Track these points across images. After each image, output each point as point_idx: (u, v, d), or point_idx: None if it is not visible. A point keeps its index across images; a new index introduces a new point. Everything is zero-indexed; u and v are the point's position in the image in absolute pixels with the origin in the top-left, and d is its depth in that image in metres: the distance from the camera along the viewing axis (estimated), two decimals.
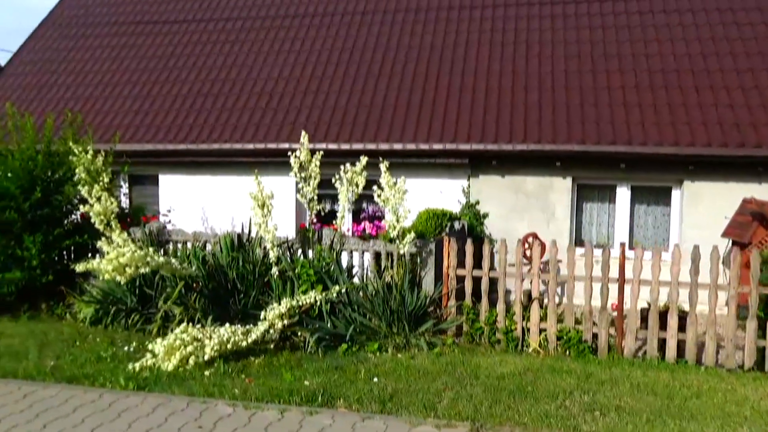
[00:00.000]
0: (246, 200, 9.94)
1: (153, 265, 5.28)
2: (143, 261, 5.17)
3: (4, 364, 4.75)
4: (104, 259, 5.09)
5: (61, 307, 7.15)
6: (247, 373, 4.70)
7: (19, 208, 6.70)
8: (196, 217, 9.93)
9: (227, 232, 6.80)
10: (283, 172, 9.91)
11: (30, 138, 6.98)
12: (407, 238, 5.83)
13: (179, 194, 10.26)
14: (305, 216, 10.28)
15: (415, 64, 10.19)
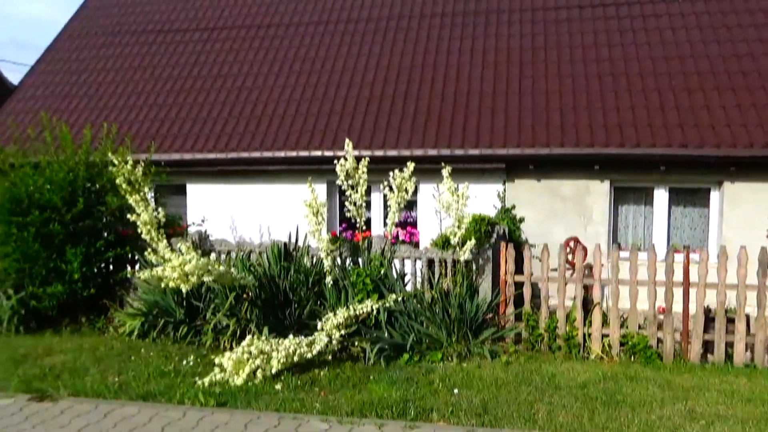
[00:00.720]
0: (275, 208, 9.97)
1: (215, 274, 5.15)
2: (206, 270, 5.03)
3: (69, 381, 4.60)
4: (168, 266, 4.95)
5: (102, 321, 6.99)
6: (318, 386, 4.56)
7: (61, 220, 6.56)
8: (224, 226, 9.79)
9: (274, 241, 6.67)
10: (314, 179, 9.85)
11: (70, 148, 6.85)
12: (467, 244, 5.72)
13: (207, 203, 10.13)
14: (335, 223, 10.19)
15: (444, 70, 10.12)
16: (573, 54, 9.86)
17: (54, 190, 6.54)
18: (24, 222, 6.48)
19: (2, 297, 6.78)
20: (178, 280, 4.90)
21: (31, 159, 7.00)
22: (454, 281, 5.89)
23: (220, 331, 6.01)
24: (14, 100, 11.98)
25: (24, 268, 6.70)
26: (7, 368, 5.04)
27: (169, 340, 6.18)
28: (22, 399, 4.12)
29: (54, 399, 4.11)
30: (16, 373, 4.89)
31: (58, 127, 7.55)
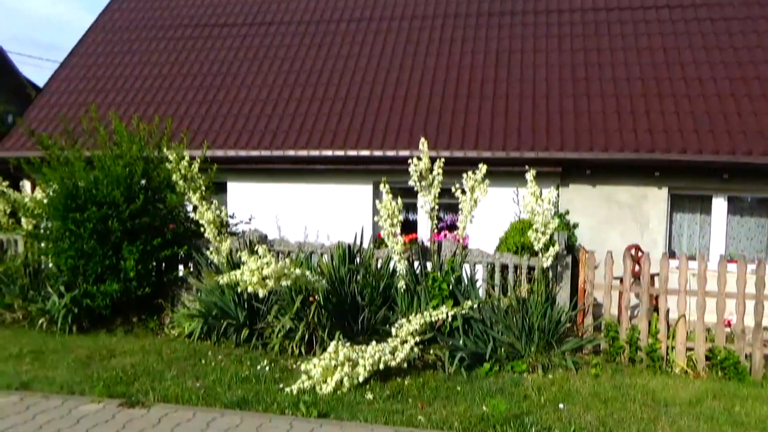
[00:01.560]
0: (319, 208, 9.74)
1: (292, 277, 4.92)
2: (282, 273, 4.81)
3: (149, 385, 4.37)
4: (246, 270, 4.72)
5: (154, 321, 6.77)
6: (408, 396, 4.33)
7: (119, 217, 6.34)
8: (267, 226, 9.58)
9: (338, 242, 6.44)
10: (360, 180, 9.66)
11: (126, 143, 6.64)
12: (551, 251, 5.49)
13: (249, 202, 9.90)
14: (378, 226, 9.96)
15: (494, 69, 9.89)
16: (627, 56, 9.62)
17: (114, 186, 6.32)
18: (81, 218, 6.26)
19: (54, 295, 6.56)
20: (257, 285, 4.67)
21: (82, 153, 6.78)
22: (530, 288, 5.65)
23: (285, 335, 5.78)
24: (47, 93, 11.79)
25: (78, 266, 6.47)
26: (75, 370, 4.82)
27: (230, 343, 5.94)
28: (111, 404, 3.90)
29: (145, 405, 3.88)
30: (89, 375, 4.66)
31: (94, 121, 7.28)
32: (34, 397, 4.05)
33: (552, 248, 5.52)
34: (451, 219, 9.88)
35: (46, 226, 6.81)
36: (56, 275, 6.77)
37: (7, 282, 7.18)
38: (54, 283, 6.63)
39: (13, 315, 7.02)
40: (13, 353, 5.31)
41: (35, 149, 10.55)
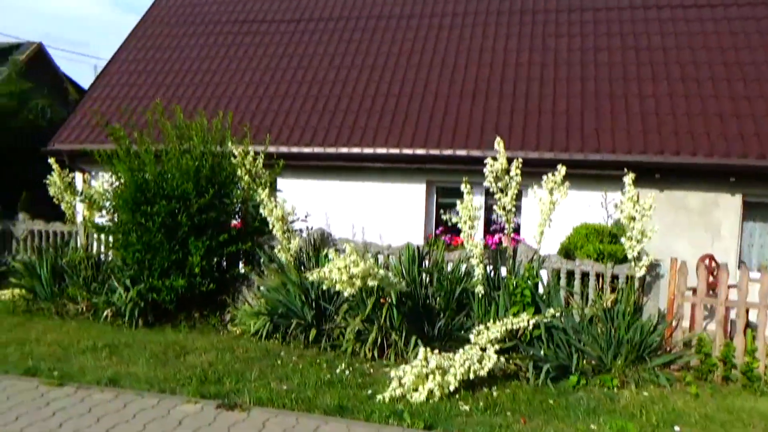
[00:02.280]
0: (370, 207, 9.57)
1: (378, 278, 4.74)
2: (368, 273, 4.64)
3: (236, 386, 4.24)
4: (334, 268, 4.57)
5: (216, 318, 6.67)
6: (503, 408, 4.11)
7: (187, 211, 6.26)
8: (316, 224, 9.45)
9: (407, 244, 6.25)
10: (413, 179, 9.47)
11: (198, 137, 6.54)
12: (644, 260, 5.22)
13: (298, 199, 9.74)
14: (430, 226, 9.76)
15: (553, 69, 9.59)
16: (696, 55, 9.23)
17: (184, 179, 6.23)
18: (150, 212, 6.19)
19: (120, 288, 6.51)
20: (345, 284, 4.51)
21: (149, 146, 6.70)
22: (616, 298, 5.39)
23: (356, 337, 5.61)
24: (98, 87, 11.83)
25: (144, 260, 6.41)
26: (155, 366, 4.73)
27: (298, 343, 5.80)
28: (209, 406, 3.78)
29: (243, 408, 3.75)
30: (171, 372, 4.56)
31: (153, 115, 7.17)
32: (127, 393, 3.97)
33: (646, 258, 5.25)
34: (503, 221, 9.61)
35: (112, 218, 6.75)
36: (120, 268, 6.73)
37: (71, 274, 7.17)
38: (120, 276, 6.58)
39: (76, 306, 7.00)
40: (88, 346, 5.26)
41: (89, 142, 10.60)
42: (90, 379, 4.29)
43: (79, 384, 4.15)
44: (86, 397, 3.89)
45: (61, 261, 7.23)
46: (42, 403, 3.79)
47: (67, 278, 7.17)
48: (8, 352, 5.04)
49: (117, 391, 4.03)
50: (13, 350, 5.10)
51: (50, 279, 7.12)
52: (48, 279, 7.12)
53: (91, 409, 3.68)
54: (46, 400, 3.85)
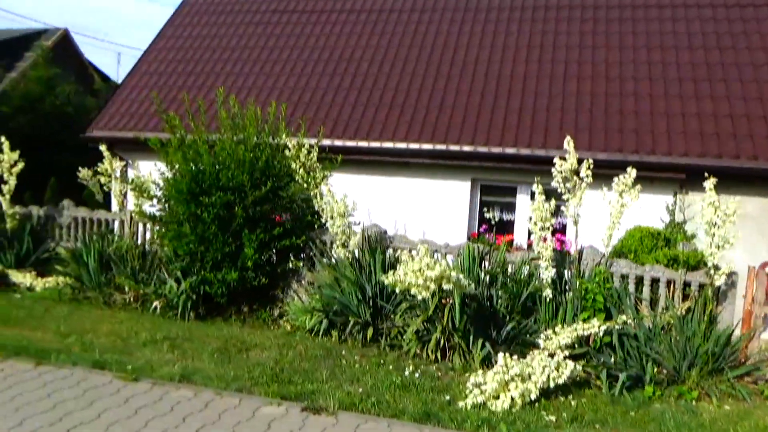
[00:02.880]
0: (413, 203, 9.40)
1: (453, 281, 4.59)
2: (443, 275, 4.48)
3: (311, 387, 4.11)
4: (409, 271, 4.42)
5: (266, 312, 6.57)
6: (594, 421, 3.94)
7: (243, 203, 6.14)
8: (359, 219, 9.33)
9: (467, 244, 6.09)
10: (458, 176, 9.29)
11: (253, 127, 6.41)
12: (724, 268, 5.01)
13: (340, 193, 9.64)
14: (474, 224, 9.57)
15: (605, 64, 9.34)
16: (753, 57, 8.94)
17: (240, 171, 6.10)
18: (206, 203, 6.08)
19: (171, 280, 6.42)
20: (420, 288, 4.36)
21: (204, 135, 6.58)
22: (689, 306, 5.19)
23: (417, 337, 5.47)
24: (136, 74, 11.75)
25: (197, 252, 6.31)
26: (221, 362, 4.62)
27: (355, 341, 5.68)
28: (293, 408, 3.66)
29: (329, 412, 3.62)
30: (239, 369, 4.45)
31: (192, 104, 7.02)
32: (205, 392, 3.86)
33: (726, 266, 5.04)
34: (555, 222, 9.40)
35: (164, 208, 6.65)
36: (170, 259, 6.63)
37: (118, 263, 7.09)
38: (172, 267, 6.49)
39: (123, 296, 6.93)
40: (147, 339, 5.17)
41: (128, 129, 10.54)
42: (161, 375, 4.19)
43: (154, 380, 4.05)
44: (164, 394, 3.79)
45: (108, 250, 7.15)
46: (120, 400, 3.69)
47: (114, 267, 7.10)
48: (70, 342, 4.97)
49: (194, 388, 3.92)
50: (74, 341, 5.02)
51: (97, 268, 7.05)
52: (95, 268, 7.05)
53: (172, 408, 3.57)
54: (124, 396, 3.75)
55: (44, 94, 14.38)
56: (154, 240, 7.03)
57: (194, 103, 7.51)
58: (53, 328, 5.38)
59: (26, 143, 8.17)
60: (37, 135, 14.19)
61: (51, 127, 16.40)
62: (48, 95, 14.56)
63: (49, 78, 14.42)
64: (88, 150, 13.96)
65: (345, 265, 6.12)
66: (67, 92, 17.73)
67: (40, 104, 14.06)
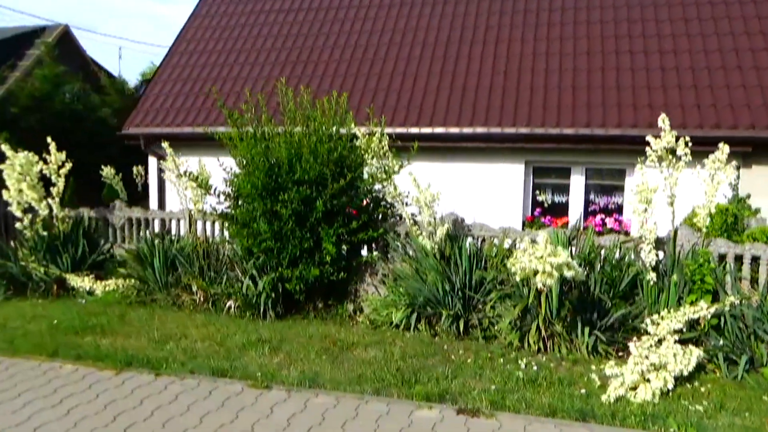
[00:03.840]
0: (466, 188, 9.19)
1: (574, 269, 4.43)
2: (565, 264, 4.32)
3: (444, 386, 3.96)
4: (534, 258, 4.26)
5: (343, 307, 6.42)
6: (738, 411, 3.80)
7: (321, 197, 5.95)
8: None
9: (553, 229, 5.92)
10: (511, 158, 9.08)
11: (326, 118, 6.19)
12: None
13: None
14: (529, 207, 9.40)
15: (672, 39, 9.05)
16: None
17: (319, 164, 5.90)
18: (283, 198, 5.88)
19: (246, 278, 6.25)
20: (545, 275, 4.20)
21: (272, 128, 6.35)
22: None
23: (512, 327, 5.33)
24: (167, 67, 11.46)
25: (273, 248, 6.13)
26: (334, 365, 4.45)
27: (448, 335, 5.52)
28: (448, 411, 3.51)
29: (487, 415, 3.47)
30: (354, 371, 4.29)
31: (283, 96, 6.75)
32: (347, 398, 3.70)
33: None
34: (604, 201, 9.24)
35: (235, 205, 6.45)
36: (243, 257, 6.45)
37: (184, 262, 6.92)
38: (246, 266, 6.32)
39: (192, 297, 6.76)
40: (243, 342, 5.00)
41: (165, 125, 10.29)
42: (284, 380, 4.03)
43: (285, 387, 3.89)
44: (307, 401, 3.62)
45: (173, 249, 6.98)
46: (265, 410, 3.52)
47: (180, 267, 6.93)
48: (169, 348, 4.80)
49: (333, 394, 3.76)
50: (173, 347, 4.86)
51: (163, 268, 6.88)
52: (161, 268, 6.87)
53: (324, 417, 3.41)
54: (267, 405, 3.57)
55: (52, 92, 14.04)
56: (224, 238, 6.84)
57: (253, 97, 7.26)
58: (144, 334, 5.22)
59: (38, 143, 7.94)
60: (49, 134, 13.96)
61: (62, 125, 16.09)
62: (56, 93, 14.23)
63: (56, 75, 14.09)
64: (104, 147, 13.78)
65: (428, 255, 5.95)
66: (75, 89, 17.40)
67: (49, 103, 13.74)
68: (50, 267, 7.43)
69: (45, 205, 7.46)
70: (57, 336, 5.15)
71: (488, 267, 5.98)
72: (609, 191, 9.20)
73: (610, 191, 9.19)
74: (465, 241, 6.02)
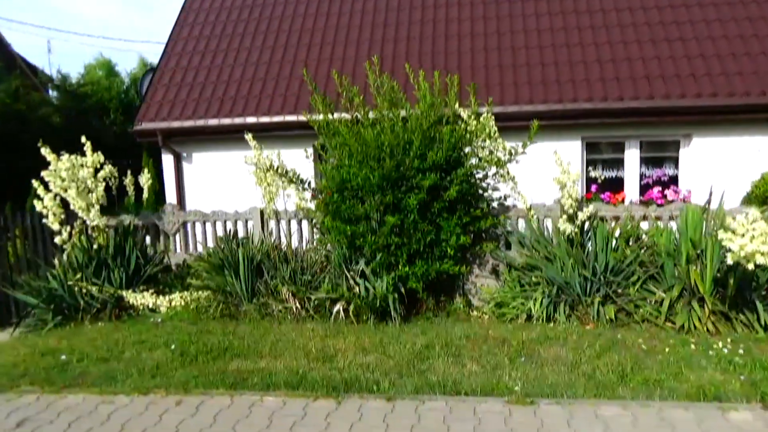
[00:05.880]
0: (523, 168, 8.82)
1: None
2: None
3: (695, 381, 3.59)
4: (758, 239, 3.96)
5: (461, 301, 5.97)
6: None
7: (444, 186, 5.43)
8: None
9: (687, 206, 5.69)
10: (567, 135, 8.83)
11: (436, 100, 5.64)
12: None
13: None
14: (584, 184, 9.21)
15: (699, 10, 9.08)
16: None
17: (441, 149, 5.36)
18: (409, 186, 5.32)
19: (351, 281, 5.64)
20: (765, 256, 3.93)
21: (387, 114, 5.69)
22: None
23: (659, 308, 5.08)
24: (173, 55, 10.36)
25: (389, 245, 5.56)
26: (552, 370, 3.94)
27: (603, 323, 5.20)
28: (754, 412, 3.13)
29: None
30: (587, 375, 3.85)
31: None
32: (633, 406, 3.22)
33: None
34: (657, 174, 9.22)
35: (335, 200, 5.78)
36: (347, 258, 5.82)
37: (269, 266, 6.21)
38: (353, 267, 5.70)
39: (284, 305, 6.07)
40: (412, 350, 4.42)
41: (185, 118, 9.26)
42: (542, 392, 3.56)
43: (556, 400, 3.38)
44: (591, 418, 3.14)
45: (259, 254, 6.24)
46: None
47: (266, 273, 6.21)
48: (337, 367, 4.12)
49: (620, 403, 3.29)
50: (345, 363, 4.18)
51: (249, 276, 6.14)
52: (246, 276, 6.13)
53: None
54: (551, 428, 3.10)
55: None
56: (322, 239, 6.16)
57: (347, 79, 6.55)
58: (284, 353, 4.50)
59: None
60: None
61: (5, 128, 14.50)
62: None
63: None
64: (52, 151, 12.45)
65: (561, 240, 5.60)
66: (13, 88, 15.66)
67: None
68: (104, 285, 6.48)
69: (95, 214, 6.47)
70: (195, 364, 4.36)
71: (617, 248, 5.71)
72: (659, 163, 9.18)
73: (660, 163, 9.17)
74: (596, 223, 5.71)
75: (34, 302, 6.31)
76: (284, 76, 9.41)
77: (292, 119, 8.68)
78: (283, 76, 9.41)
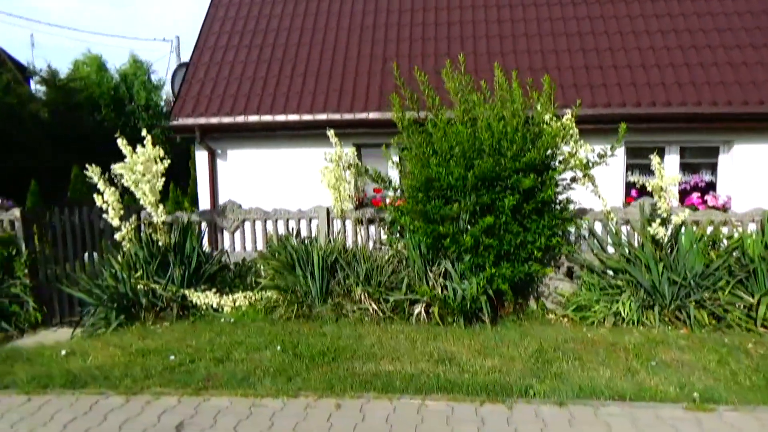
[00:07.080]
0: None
1: None
2: None
3: None
4: None
5: (540, 303, 5.92)
6: None
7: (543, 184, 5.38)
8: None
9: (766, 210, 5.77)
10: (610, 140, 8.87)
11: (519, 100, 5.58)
12: None
13: None
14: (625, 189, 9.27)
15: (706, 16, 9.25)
16: None
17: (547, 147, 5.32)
18: (503, 186, 5.24)
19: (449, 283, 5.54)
20: None
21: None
22: None
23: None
24: (206, 50, 10.08)
25: (476, 246, 5.47)
26: (703, 376, 3.91)
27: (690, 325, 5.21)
28: None
29: None
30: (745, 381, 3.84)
31: None
32: None
33: None
34: (695, 180, 9.35)
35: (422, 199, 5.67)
36: (428, 258, 5.71)
37: (342, 267, 6.06)
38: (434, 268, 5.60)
39: (358, 306, 5.92)
40: (532, 355, 4.33)
41: (223, 114, 8.99)
42: (720, 398, 3.48)
43: (734, 406, 3.34)
44: None
45: (334, 254, 6.08)
46: None
47: (340, 273, 6.07)
48: (476, 371, 4.01)
49: None
50: (462, 369, 4.05)
51: (324, 276, 5.98)
52: (321, 276, 5.97)
53: None
54: None
55: None
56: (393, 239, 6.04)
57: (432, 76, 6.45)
58: (396, 355, 4.37)
59: None
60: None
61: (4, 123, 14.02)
62: None
63: None
64: (39, 148, 11.99)
65: (647, 244, 5.60)
66: (5, 81, 15.10)
67: None
68: (168, 283, 6.23)
69: (162, 209, 6.22)
70: (318, 366, 4.18)
71: (701, 252, 5.74)
72: (696, 169, 9.31)
73: (697, 169, 9.31)
74: (682, 227, 5.73)
75: (94, 302, 6.03)
76: (324, 72, 9.23)
77: (336, 117, 8.53)
78: (324, 71, 9.24)
